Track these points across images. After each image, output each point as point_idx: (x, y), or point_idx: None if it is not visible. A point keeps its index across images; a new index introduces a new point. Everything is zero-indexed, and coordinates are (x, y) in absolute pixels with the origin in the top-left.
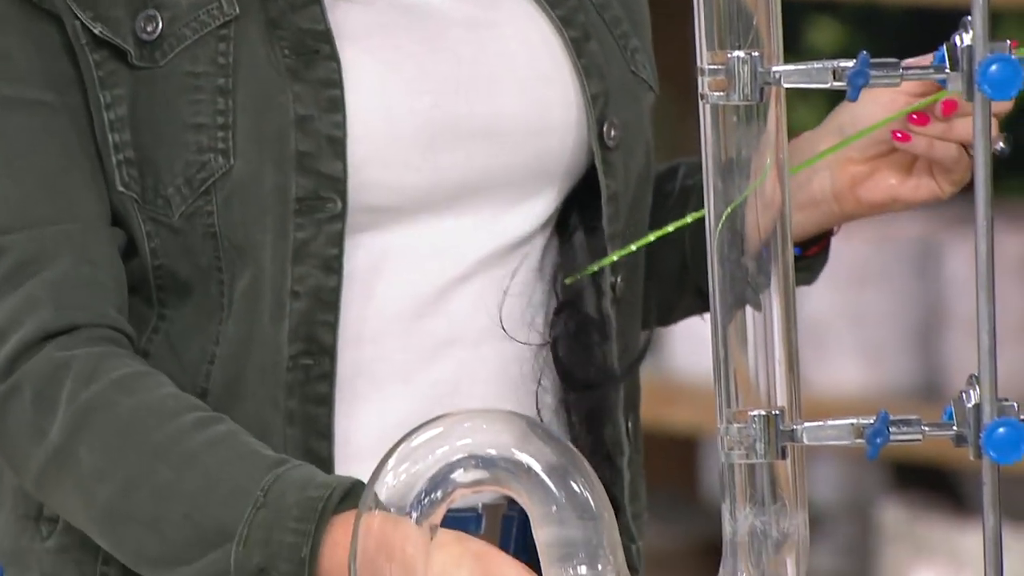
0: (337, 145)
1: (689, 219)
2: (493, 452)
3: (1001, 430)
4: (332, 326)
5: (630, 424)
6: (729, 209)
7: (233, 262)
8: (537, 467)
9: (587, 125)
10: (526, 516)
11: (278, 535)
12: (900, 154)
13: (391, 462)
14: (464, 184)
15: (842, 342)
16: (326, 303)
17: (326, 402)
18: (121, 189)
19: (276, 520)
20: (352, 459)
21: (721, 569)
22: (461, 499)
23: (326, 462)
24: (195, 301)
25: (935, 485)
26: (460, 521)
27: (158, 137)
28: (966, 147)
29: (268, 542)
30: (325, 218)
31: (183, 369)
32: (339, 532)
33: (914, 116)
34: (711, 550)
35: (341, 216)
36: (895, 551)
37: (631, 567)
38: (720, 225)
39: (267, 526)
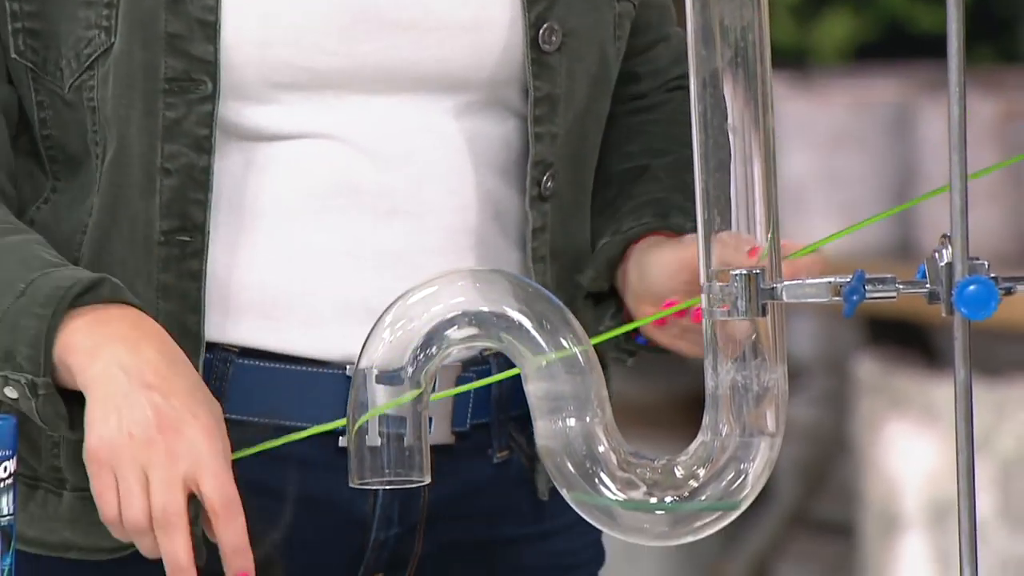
0: (208, 28)
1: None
2: (485, 309)
3: (972, 287)
4: (203, 204)
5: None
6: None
7: (105, 137)
8: (528, 324)
9: (522, 26)
10: (484, 375)
11: (24, 320)
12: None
13: (387, 319)
14: (387, 73)
15: (819, 203)
16: (197, 181)
17: (197, 278)
18: (15, 56)
19: (26, 307)
20: (232, 300)
21: (704, 421)
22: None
23: (196, 336)
24: (81, 175)
25: (908, 340)
26: (386, 381)
27: (58, 10)
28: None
29: (16, 327)
30: (196, 99)
31: (62, 239)
32: (79, 321)
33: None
34: (694, 403)
35: (211, 98)
36: (870, 403)
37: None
38: (705, 91)
39: (17, 312)
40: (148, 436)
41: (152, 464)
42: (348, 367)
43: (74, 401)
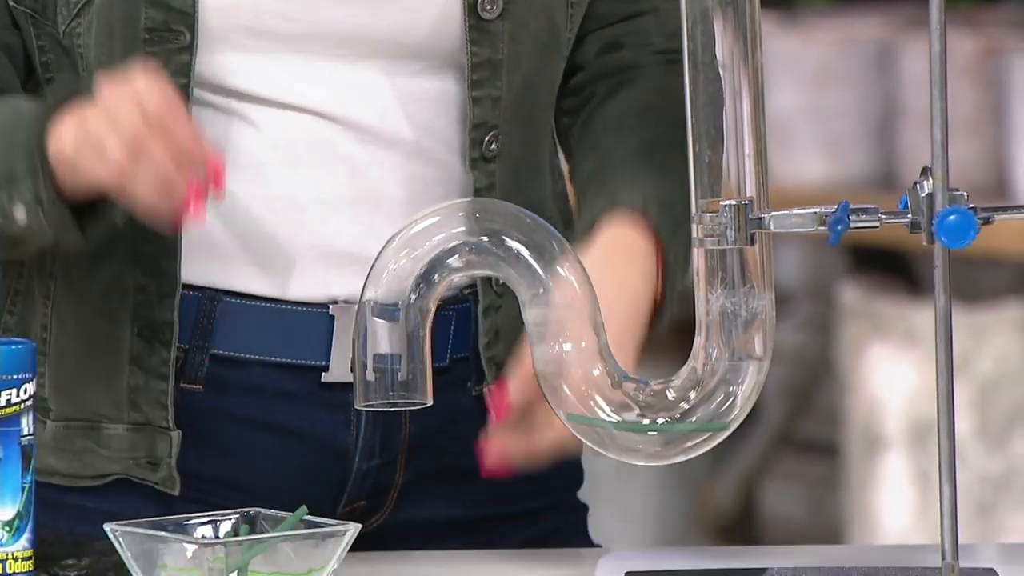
0: None
1: None
2: (485, 239)
3: (952, 217)
4: None
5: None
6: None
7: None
8: (526, 252)
9: None
10: (464, 313)
11: (16, 137)
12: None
13: (391, 248)
14: (348, 39)
15: (806, 137)
16: None
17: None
18: (12, 3)
19: (15, 127)
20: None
21: (695, 346)
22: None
23: (174, 278)
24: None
25: (891, 267)
26: (389, 310)
27: None
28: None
29: (11, 146)
30: (174, 49)
31: None
32: (65, 120)
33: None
34: (685, 329)
35: (189, 48)
36: (854, 328)
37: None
38: (695, 28)
39: (9, 134)
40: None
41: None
42: (331, 306)
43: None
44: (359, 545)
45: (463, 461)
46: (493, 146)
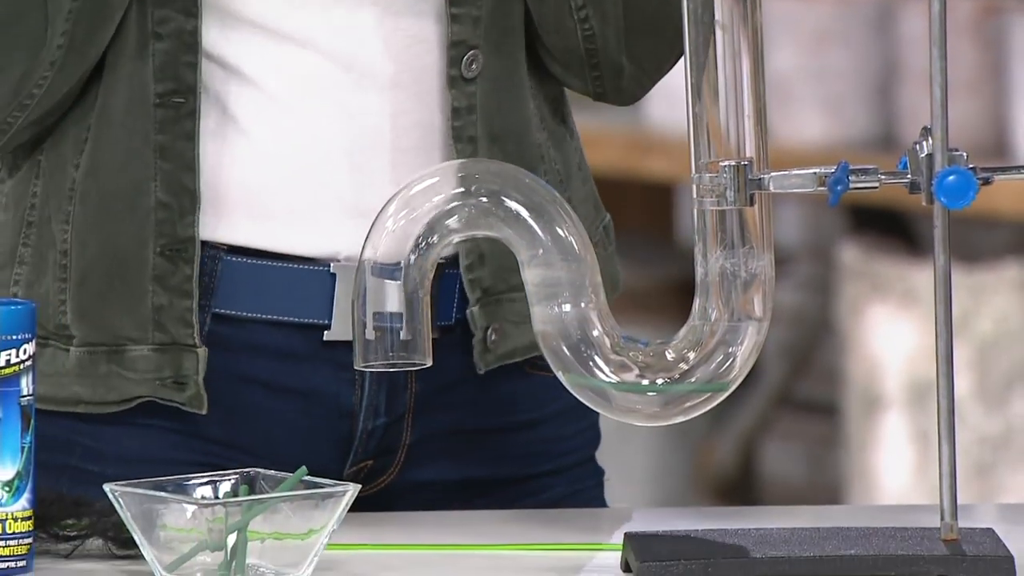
0: None
1: None
2: (484, 200)
3: (951, 178)
4: (193, 66)
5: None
6: None
7: None
8: (525, 213)
9: None
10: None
11: None
12: None
13: (391, 209)
14: None
15: (805, 97)
16: (187, 45)
17: (191, 137)
18: None
19: None
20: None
21: (694, 306)
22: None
23: (193, 193)
24: (100, 45)
25: (890, 228)
26: (389, 270)
27: None
28: None
29: None
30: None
31: (79, 99)
32: None
33: None
34: (685, 289)
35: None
36: (853, 288)
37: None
38: None
39: None
40: None
41: None
42: (332, 264)
43: None
44: (367, 506)
45: (471, 421)
46: (474, 66)
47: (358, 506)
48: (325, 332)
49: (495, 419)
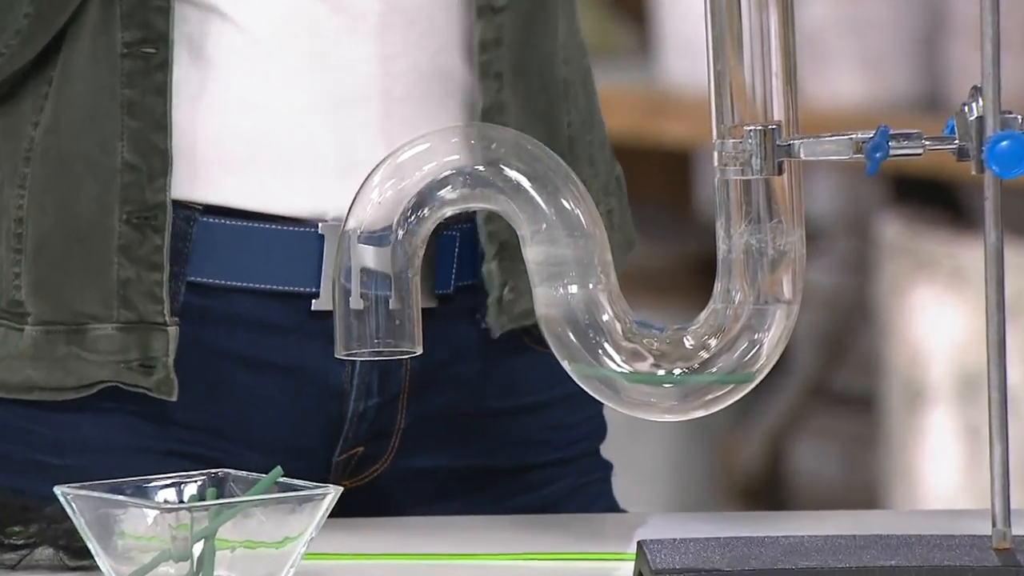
0: None
1: None
2: (481, 168)
3: (1004, 143)
4: (165, 11)
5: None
6: None
7: None
8: (527, 183)
9: None
10: (469, 234)
11: None
12: None
13: (376, 178)
14: None
15: (841, 53)
16: None
17: (162, 92)
18: None
19: None
20: (196, 154)
21: (715, 288)
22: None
23: (164, 153)
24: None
25: (935, 199)
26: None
27: None
28: None
29: None
30: None
31: (41, 52)
32: None
33: None
34: (704, 268)
35: None
36: (894, 267)
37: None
38: None
39: None
40: None
41: None
42: (320, 225)
43: None
44: (357, 498)
45: (472, 402)
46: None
47: (346, 499)
48: (313, 301)
49: (498, 401)
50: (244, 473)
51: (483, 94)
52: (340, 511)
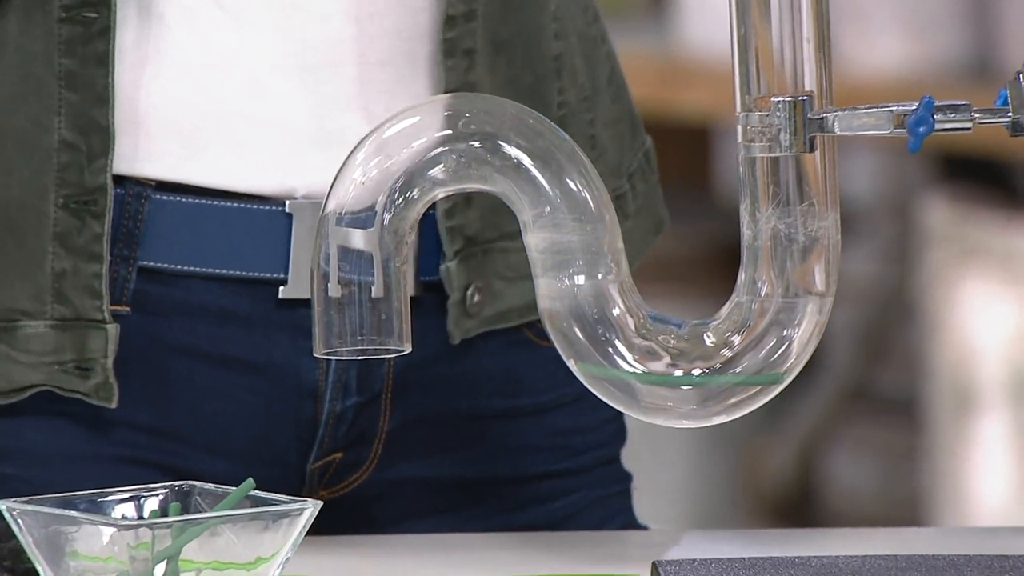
0: None
1: None
2: (477, 144)
3: None
4: None
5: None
6: None
7: None
8: (528, 161)
9: None
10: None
11: None
12: None
13: (359, 156)
14: None
15: (881, 14)
16: None
17: (104, 63)
18: None
19: None
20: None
21: (739, 278)
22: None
23: (106, 131)
24: None
25: (986, 179)
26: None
27: None
28: None
29: None
30: None
31: None
32: None
33: None
34: (727, 257)
35: None
36: (940, 254)
37: None
38: None
39: None
40: None
41: None
42: (288, 202)
43: None
44: (335, 511)
45: (465, 403)
46: None
47: (323, 513)
48: (280, 288)
49: (496, 401)
50: (212, 486)
51: (448, 72)
52: (316, 527)
